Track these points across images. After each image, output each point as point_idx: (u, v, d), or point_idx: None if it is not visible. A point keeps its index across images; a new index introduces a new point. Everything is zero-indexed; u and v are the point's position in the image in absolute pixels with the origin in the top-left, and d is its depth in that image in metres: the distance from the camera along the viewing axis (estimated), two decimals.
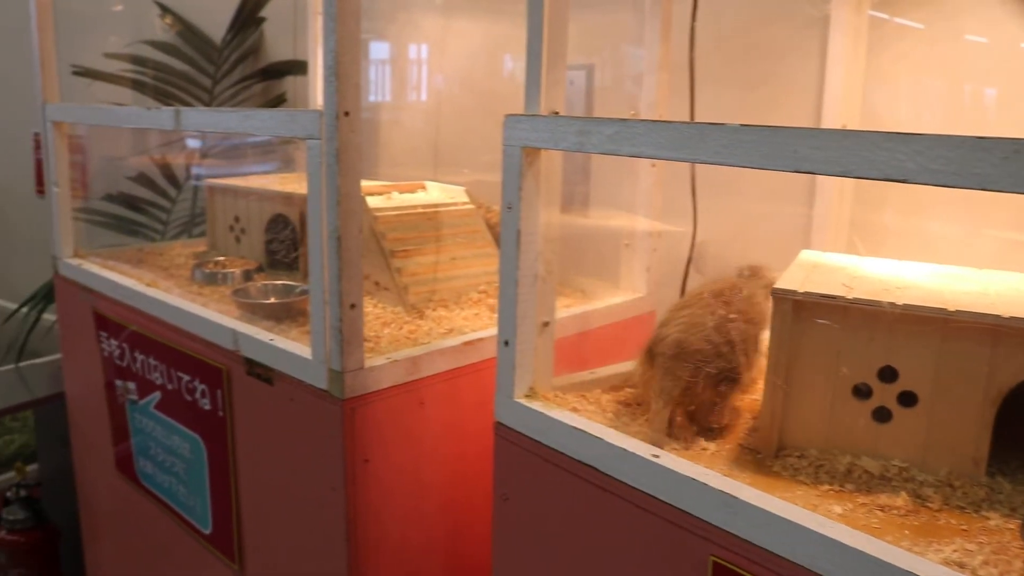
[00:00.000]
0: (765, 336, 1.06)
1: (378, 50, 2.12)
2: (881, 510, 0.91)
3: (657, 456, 0.93)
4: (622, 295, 1.55)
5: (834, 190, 1.40)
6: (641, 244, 1.54)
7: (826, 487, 0.94)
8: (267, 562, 1.46)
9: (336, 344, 1.17)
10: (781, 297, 0.98)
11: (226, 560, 1.54)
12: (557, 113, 1.00)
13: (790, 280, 1.03)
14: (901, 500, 0.92)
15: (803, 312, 0.98)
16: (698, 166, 1.49)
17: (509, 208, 1.00)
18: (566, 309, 1.48)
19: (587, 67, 1.73)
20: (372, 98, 2.15)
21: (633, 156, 0.90)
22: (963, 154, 0.67)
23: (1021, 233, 1.29)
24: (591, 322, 1.47)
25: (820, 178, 1.40)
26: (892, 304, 0.95)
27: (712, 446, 1.03)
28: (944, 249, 1.34)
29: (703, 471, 0.90)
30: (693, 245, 1.50)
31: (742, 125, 0.79)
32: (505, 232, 1.01)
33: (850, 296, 0.97)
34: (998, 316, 0.92)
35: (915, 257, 1.21)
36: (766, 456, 1.01)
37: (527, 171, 0.99)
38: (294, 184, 1.78)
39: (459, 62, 2.01)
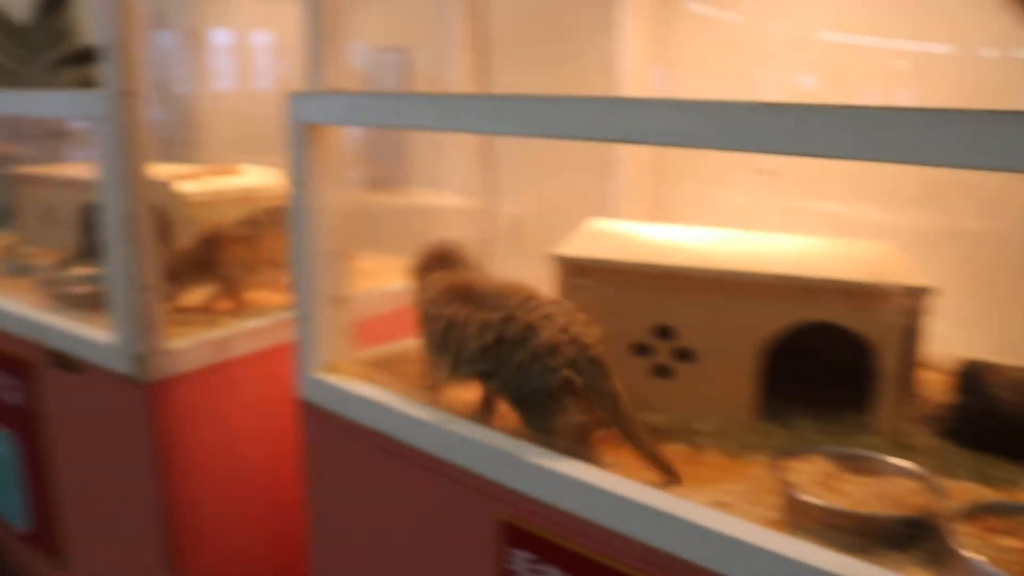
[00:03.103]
0: None
1: (207, 36, 2.07)
2: None
3: (445, 422, 0.96)
4: None
5: (634, 163, 1.47)
6: (457, 222, 1.57)
7: (613, 443, 0.99)
8: (90, 554, 1.43)
9: (136, 328, 1.16)
10: (561, 262, 1.03)
11: (47, 556, 1.50)
12: (337, 90, 1.01)
13: (571, 246, 1.08)
14: (678, 450, 0.98)
15: (580, 275, 1.03)
16: (504, 144, 1.53)
17: (295, 185, 1.01)
18: (382, 286, 1.50)
19: (403, 50, 1.75)
20: (197, 84, 2.10)
21: (410, 128, 0.93)
22: (687, 117, 0.73)
23: (802, 200, 1.38)
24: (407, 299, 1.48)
25: (620, 151, 1.46)
26: (661, 265, 1.01)
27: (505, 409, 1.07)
28: (735, 216, 1.43)
29: (488, 433, 0.93)
30: (496, 220, 1.53)
31: (492, 95, 0.83)
32: (293, 210, 1.02)
33: (623, 259, 1.03)
34: (758, 273, 1.00)
35: (708, 224, 1.28)
36: None
37: (310, 147, 1.00)
38: None
39: (284, 47, 1.99)
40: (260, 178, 1.64)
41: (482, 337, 0.93)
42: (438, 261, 1.06)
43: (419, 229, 1.66)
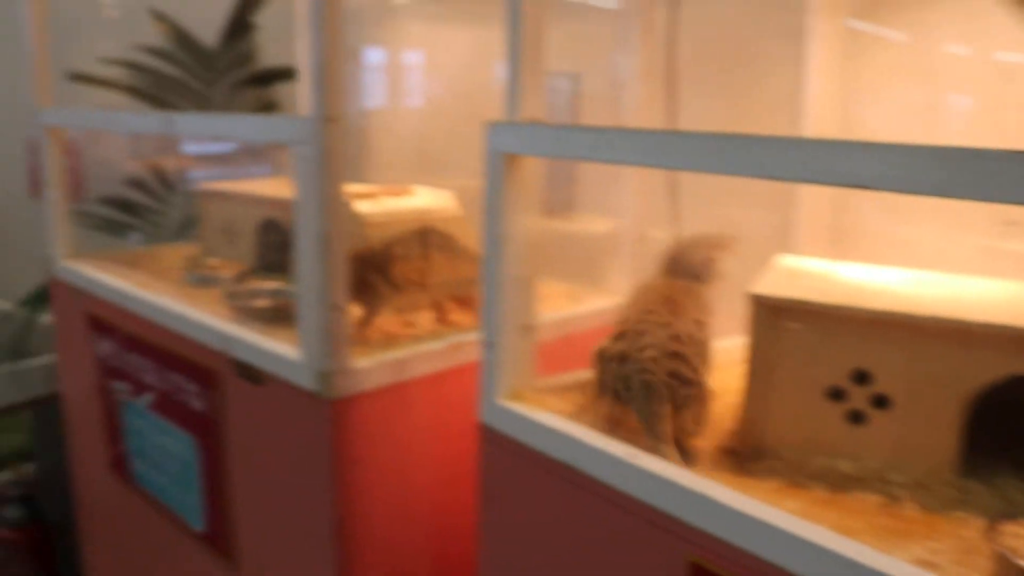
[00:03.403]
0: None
1: (368, 56, 2.14)
2: (854, 510, 0.93)
3: (635, 456, 0.95)
4: (606, 300, 1.57)
5: (814, 196, 1.43)
6: (626, 249, 1.56)
7: (801, 488, 0.96)
8: (260, 560, 1.48)
9: (323, 346, 1.20)
10: (757, 301, 1.01)
11: (219, 558, 1.56)
12: (537, 120, 1.02)
13: (765, 284, 1.05)
14: (873, 500, 0.94)
15: (778, 315, 1.00)
16: (680, 172, 1.51)
17: (491, 213, 1.03)
18: (552, 313, 1.50)
19: (574, 75, 1.75)
20: (362, 103, 2.17)
21: (608, 162, 0.93)
22: (919, 162, 0.69)
23: (997, 240, 1.31)
24: (576, 326, 1.49)
25: (799, 184, 1.42)
26: (864, 308, 0.97)
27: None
28: (923, 255, 1.36)
29: (681, 472, 0.92)
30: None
31: (709, 133, 0.81)
32: (487, 236, 1.04)
33: (823, 300, 0.99)
34: (968, 320, 0.95)
35: (894, 263, 1.23)
36: (743, 458, 1.03)
37: (508, 177, 1.01)
38: (286, 188, 1.80)
39: (449, 68, 2.03)
40: (432, 200, 1.68)
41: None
42: (674, 266, 1.14)
43: (588, 256, 1.66)
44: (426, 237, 1.49)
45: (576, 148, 0.94)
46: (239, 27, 2.32)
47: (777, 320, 1.01)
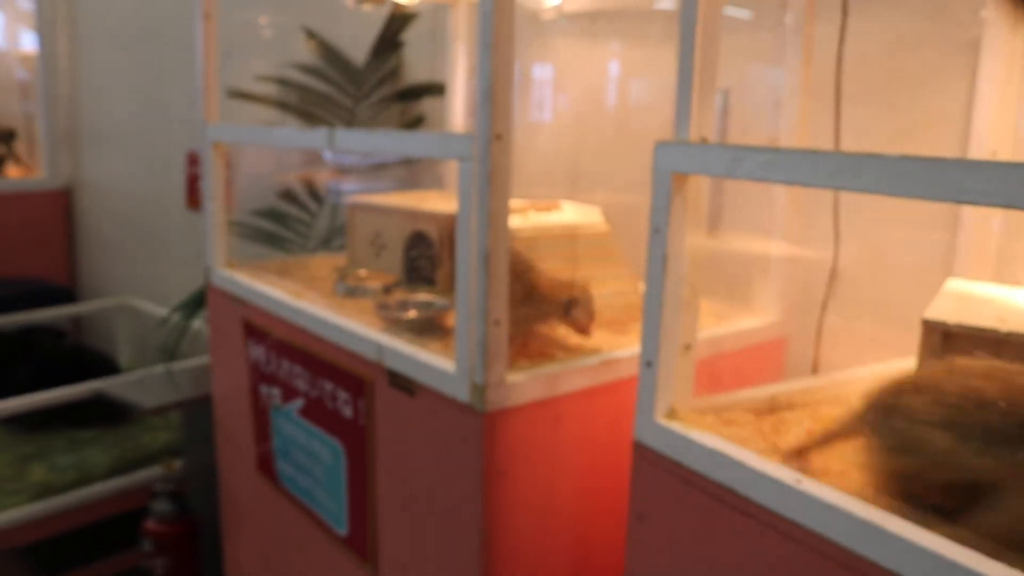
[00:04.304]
0: None
1: (515, 73, 2.17)
2: None
3: (800, 481, 0.93)
4: (754, 319, 1.55)
5: (980, 216, 1.37)
6: (775, 268, 1.54)
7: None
8: (401, 567, 1.51)
9: (480, 359, 1.22)
10: (930, 327, 0.98)
11: (360, 561, 1.60)
12: (706, 139, 1.02)
13: (938, 310, 1.02)
14: None
15: (954, 344, 0.97)
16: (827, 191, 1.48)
17: (656, 232, 1.03)
18: (700, 330, 1.48)
19: (722, 90, 1.74)
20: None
21: (784, 183, 0.92)
22: None
23: None
24: (724, 345, 1.47)
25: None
26: None
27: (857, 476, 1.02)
28: None
29: (848, 499, 0.90)
30: (834, 272, 1.48)
31: (902, 156, 0.79)
32: (652, 255, 1.04)
33: (1003, 328, 0.96)
34: None
35: None
36: None
37: (675, 196, 1.01)
38: (433, 203, 1.84)
39: (593, 85, 2.05)
40: (580, 215, 1.69)
41: None
42: None
43: (734, 273, 1.64)
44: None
45: (749, 168, 0.93)
46: (388, 45, 2.39)
47: (951, 348, 0.97)
